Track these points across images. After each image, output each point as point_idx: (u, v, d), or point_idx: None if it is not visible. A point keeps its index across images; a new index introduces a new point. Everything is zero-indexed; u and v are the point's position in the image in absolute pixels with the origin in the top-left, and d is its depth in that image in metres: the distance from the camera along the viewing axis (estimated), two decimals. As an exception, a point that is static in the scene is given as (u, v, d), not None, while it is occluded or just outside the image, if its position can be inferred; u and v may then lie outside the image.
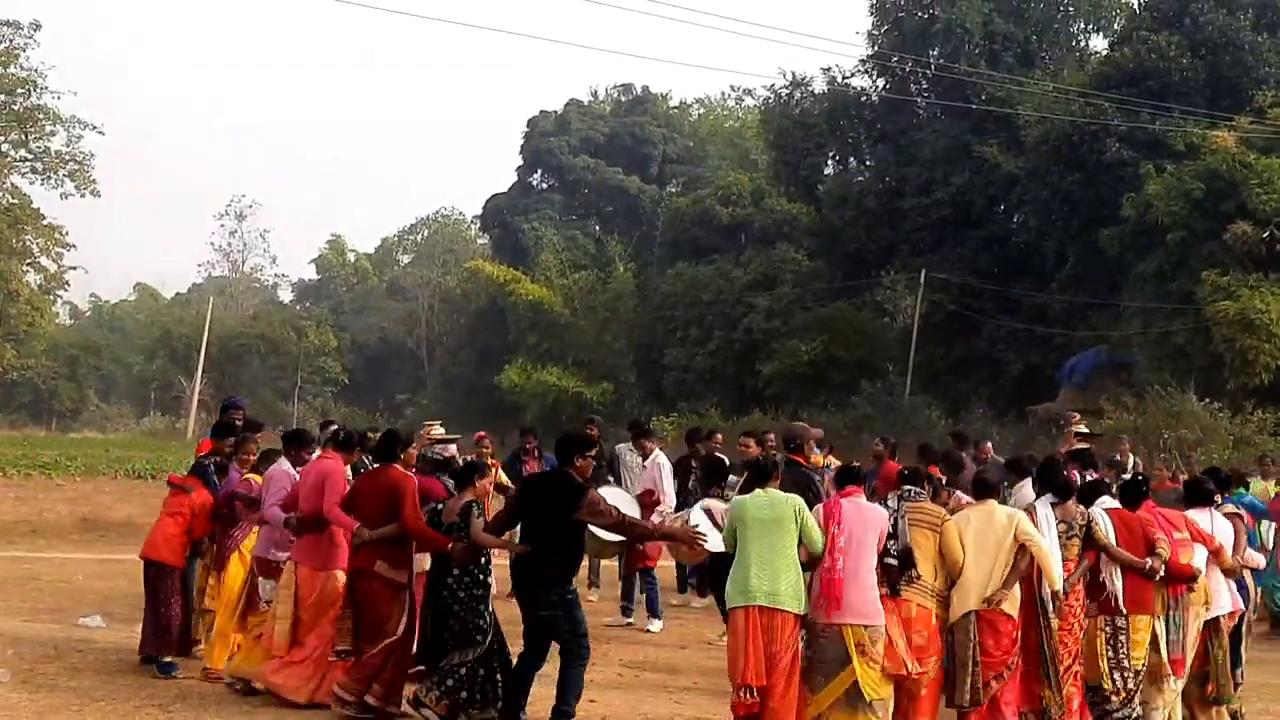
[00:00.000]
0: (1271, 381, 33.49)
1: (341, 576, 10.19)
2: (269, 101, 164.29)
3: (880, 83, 52.51)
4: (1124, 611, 9.73)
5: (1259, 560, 11.68)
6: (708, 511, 11.40)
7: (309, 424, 30.17)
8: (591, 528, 9.83)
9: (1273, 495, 16.41)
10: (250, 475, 11.28)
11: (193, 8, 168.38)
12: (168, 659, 11.07)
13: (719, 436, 16.14)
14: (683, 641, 13.58)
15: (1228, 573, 10.45)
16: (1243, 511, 11.38)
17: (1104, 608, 9.77)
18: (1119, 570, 9.78)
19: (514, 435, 18.61)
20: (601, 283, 61.07)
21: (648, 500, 13.59)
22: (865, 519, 9.30)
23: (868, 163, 54.07)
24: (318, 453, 11.12)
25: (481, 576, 9.78)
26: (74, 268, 65.44)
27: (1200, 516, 10.49)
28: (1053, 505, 9.84)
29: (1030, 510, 9.75)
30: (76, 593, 15.49)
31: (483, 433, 17.01)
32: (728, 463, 12.56)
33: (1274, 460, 18.44)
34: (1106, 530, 9.85)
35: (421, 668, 9.89)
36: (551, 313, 59.49)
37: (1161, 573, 9.80)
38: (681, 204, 58.69)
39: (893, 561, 9.23)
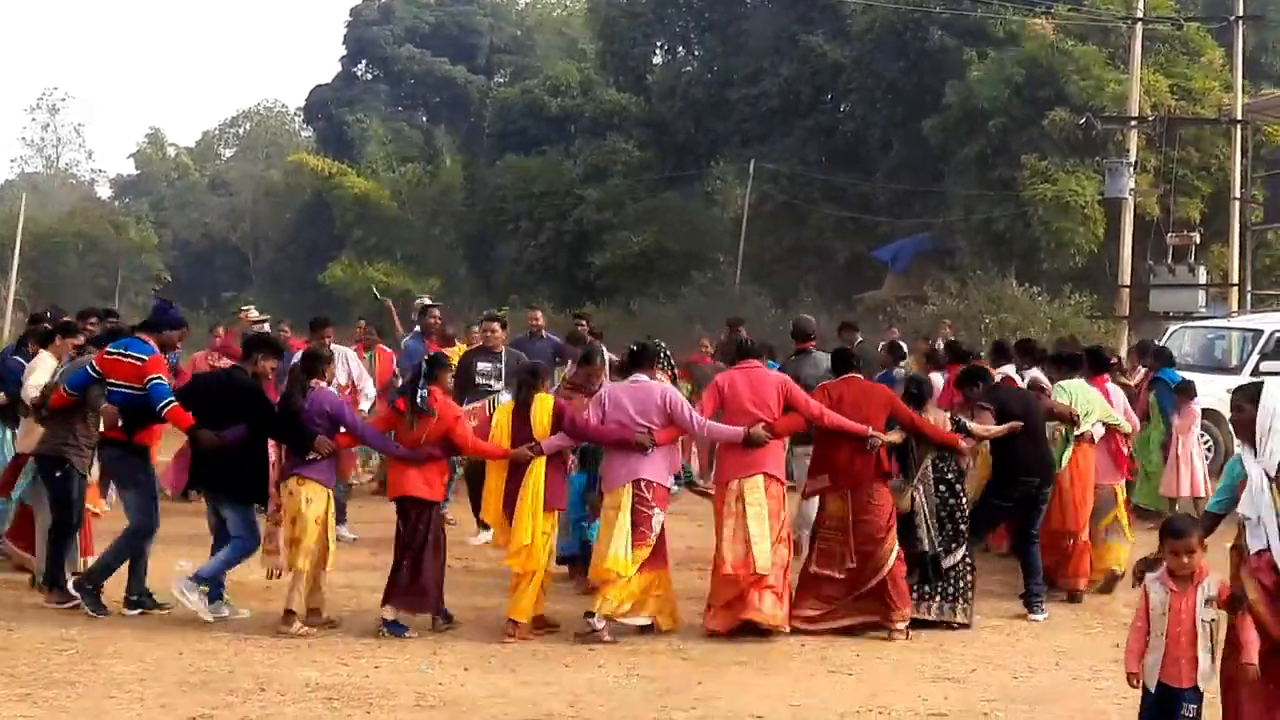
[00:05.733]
0: (1086, 265, 34.48)
1: None
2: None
3: (708, -30, 52.21)
4: None
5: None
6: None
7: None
8: None
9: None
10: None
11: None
12: (393, 618, 9.77)
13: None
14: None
15: None
16: None
17: None
18: None
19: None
20: (430, 175, 60.26)
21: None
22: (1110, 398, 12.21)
23: (696, 53, 53.82)
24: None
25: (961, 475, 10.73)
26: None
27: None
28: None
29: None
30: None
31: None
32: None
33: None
34: None
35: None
36: (379, 206, 58.59)
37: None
38: (509, 94, 57.93)
39: None
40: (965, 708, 8.23)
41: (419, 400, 9.77)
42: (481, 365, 13.56)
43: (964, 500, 10.51)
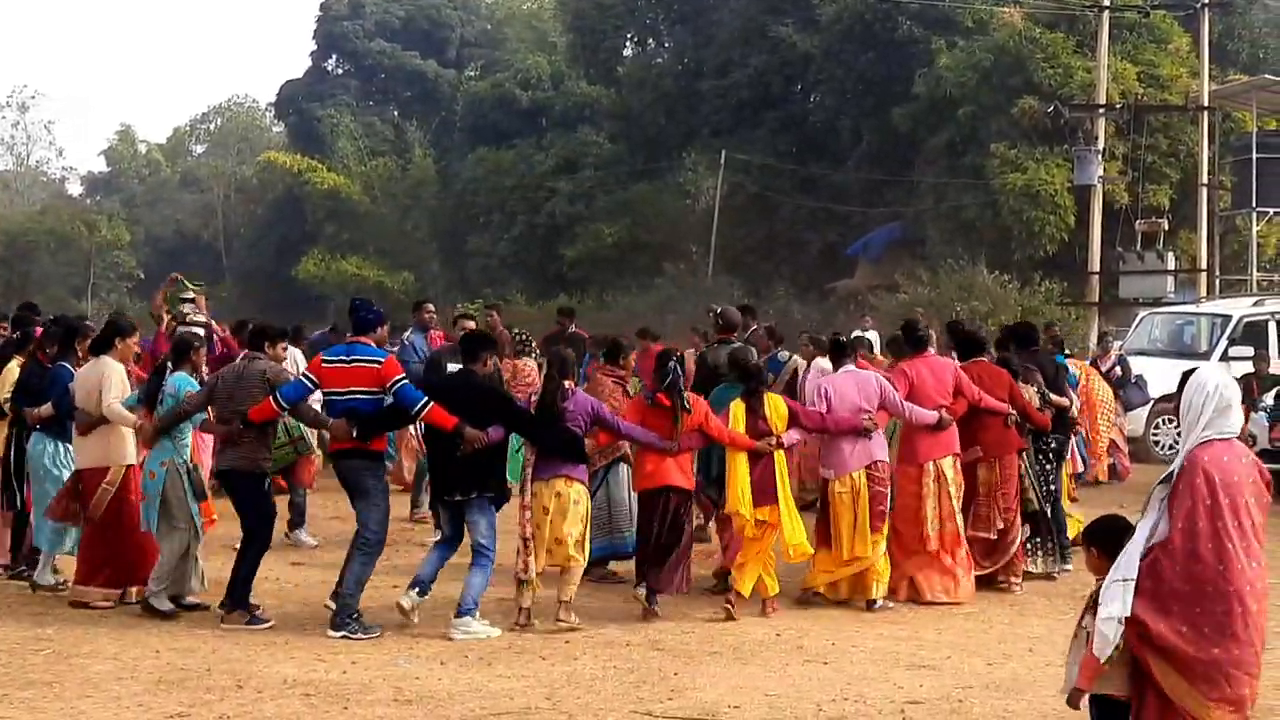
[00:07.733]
0: (1056, 252, 34.59)
1: None
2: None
3: (676, -37, 52.17)
4: None
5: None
6: None
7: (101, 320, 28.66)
8: None
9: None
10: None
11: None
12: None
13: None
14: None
15: None
16: None
17: None
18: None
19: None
20: (401, 170, 60.16)
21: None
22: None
23: (666, 45, 53.87)
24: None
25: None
26: None
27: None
28: None
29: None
30: None
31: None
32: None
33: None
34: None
35: None
36: (350, 201, 58.48)
37: None
38: (480, 88, 57.85)
39: None
40: (940, 695, 8.27)
41: (683, 402, 10.01)
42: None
43: (1056, 467, 11.96)
